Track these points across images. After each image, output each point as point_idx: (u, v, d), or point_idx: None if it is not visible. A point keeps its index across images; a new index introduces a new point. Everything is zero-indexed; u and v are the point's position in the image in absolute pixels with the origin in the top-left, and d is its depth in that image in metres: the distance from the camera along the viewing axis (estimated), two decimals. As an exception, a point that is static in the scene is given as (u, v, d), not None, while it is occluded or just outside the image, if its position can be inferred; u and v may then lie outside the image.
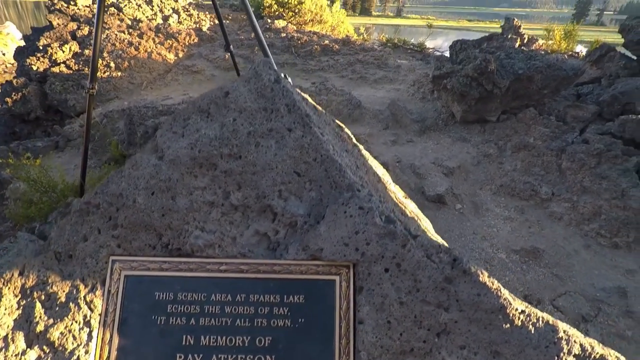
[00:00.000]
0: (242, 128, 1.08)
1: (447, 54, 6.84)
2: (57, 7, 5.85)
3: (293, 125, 1.08)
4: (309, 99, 1.57)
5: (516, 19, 4.30)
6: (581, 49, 5.49)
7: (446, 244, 1.01)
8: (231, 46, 3.34)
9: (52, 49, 5.30)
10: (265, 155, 1.07)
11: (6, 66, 12.48)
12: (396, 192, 1.74)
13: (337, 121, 1.67)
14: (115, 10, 6.14)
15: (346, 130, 1.73)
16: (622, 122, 2.85)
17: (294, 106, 1.10)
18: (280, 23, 6.45)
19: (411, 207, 1.76)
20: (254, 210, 1.08)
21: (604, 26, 62.45)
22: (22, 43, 7.10)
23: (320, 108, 1.66)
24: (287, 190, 1.07)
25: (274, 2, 6.90)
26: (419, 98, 4.04)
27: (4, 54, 13.08)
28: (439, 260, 0.96)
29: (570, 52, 4.84)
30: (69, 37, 5.55)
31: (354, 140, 1.63)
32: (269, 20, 6.56)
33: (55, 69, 5.18)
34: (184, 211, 1.05)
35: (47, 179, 2.81)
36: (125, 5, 6.19)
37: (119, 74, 5.24)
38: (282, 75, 2.46)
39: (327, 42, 5.73)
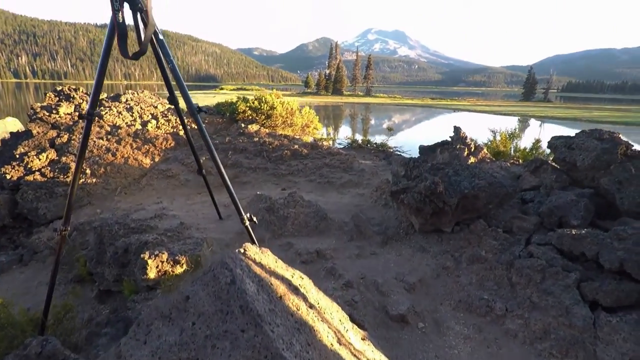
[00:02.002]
0: (200, 332, 1.21)
1: (406, 155, 7.54)
2: (39, 115, 6.14)
3: (246, 326, 1.22)
4: (271, 265, 1.74)
5: (463, 131, 4.89)
6: (522, 149, 6.19)
7: None
8: (204, 170, 3.60)
9: (28, 157, 5.45)
10: (220, 357, 1.19)
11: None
12: (353, 342, 1.85)
13: (298, 276, 1.83)
14: (96, 118, 6.48)
15: (304, 284, 1.88)
16: (560, 236, 3.16)
17: (247, 307, 1.25)
18: (253, 127, 6.97)
19: (368, 354, 1.87)
20: (209, 410, 1.16)
21: (551, 102, 69.97)
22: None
23: (281, 264, 1.83)
24: (240, 389, 1.18)
25: (247, 108, 7.52)
26: (382, 205, 4.35)
27: (-25, 133, 13.23)
28: None
29: (512, 160, 5.45)
30: (47, 145, 5.76)
31: (310, 298, 1.78)
32: (243, 125, 7.09)
33: (30, 177, 5.28)
34: (141, 420, 1.12)
35: (6, 314, 2.76)
36: (106, 112, 6.57)
37: (94, 180, 5.38)
38: (250, 218, 2.65)
39: (296, 146, 6.20)
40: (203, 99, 40.06)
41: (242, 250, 1.73)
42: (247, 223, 2.51)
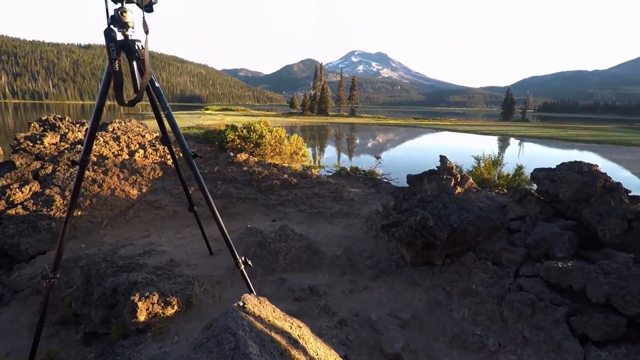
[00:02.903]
0: (205, 403, 1.19)
1: (394, 182, 7.71)
2: (23, 146, 6.02)
3: (251, 395, 1.22)
4: (270, 317, 1.73)
5: (449, 161, 5.03)
6: (506, 176, 6.40)
7: None
8: (195, 207, 3.58)
9: (11, 190, 5.31)
10: None
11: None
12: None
13: (296, 326, 1.83)
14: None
15: (303, 333, 1.88)
16: (547, 268, 3.24)
17: (252, 374, 1.24)
18: (242, 156, 6.99)
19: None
20: None
21: (528, 122, 72.67)
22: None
23: (279, 313, 1.83)
24: None
25: (236, 136, 7.57)
26: (372, 236, 4.38)
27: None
28: None
29: (497, 189, 5.62)
30: (31, 177, 5.63)
31: (310, 349, 1.78)
32: (232, 154, 7.11)
33: (12, 211, 5.13)
34: None
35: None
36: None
37: (79, 212, 5.27)
38: (245, 262, 2.64)
39: (286, 175, 6.23)
40: (188, 119, 39.97)
41: (241, 304, 1.73)
42: (242, 267, 2.50)
